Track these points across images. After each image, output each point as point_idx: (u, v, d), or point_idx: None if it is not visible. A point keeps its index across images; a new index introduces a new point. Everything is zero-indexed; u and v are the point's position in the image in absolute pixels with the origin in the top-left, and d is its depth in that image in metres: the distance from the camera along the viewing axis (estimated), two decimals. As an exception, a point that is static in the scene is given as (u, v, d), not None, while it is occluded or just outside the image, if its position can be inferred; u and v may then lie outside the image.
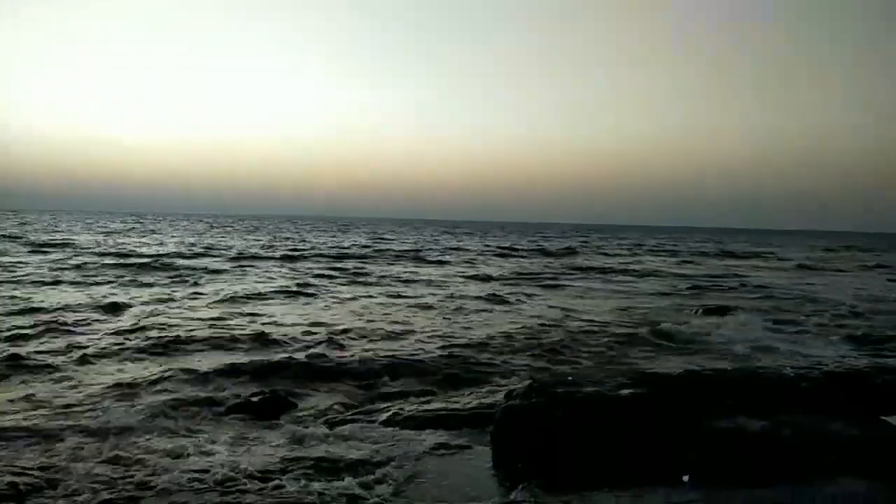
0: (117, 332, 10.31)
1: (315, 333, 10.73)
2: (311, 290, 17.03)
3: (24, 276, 17.97)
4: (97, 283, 17.28)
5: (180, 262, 24.41)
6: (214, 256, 28.21)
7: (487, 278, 22.49)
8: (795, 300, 17.73)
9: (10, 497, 4.31)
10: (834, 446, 4.54)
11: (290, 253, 31.52)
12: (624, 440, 4.79)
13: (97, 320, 11.49)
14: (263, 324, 11.59)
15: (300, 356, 8.86)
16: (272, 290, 16.71)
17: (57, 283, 16.94)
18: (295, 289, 17.22)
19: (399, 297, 16.42)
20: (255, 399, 6.66)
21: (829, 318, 14.08)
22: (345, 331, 11.06)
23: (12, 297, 13.59)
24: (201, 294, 15.82)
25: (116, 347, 9.22)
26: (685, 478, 4.39)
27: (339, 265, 25.83)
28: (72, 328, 10.59)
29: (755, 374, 6.01)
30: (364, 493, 4.54)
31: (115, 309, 12.75)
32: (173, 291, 16.09)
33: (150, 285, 17.36)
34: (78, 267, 21.22)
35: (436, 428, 5.92)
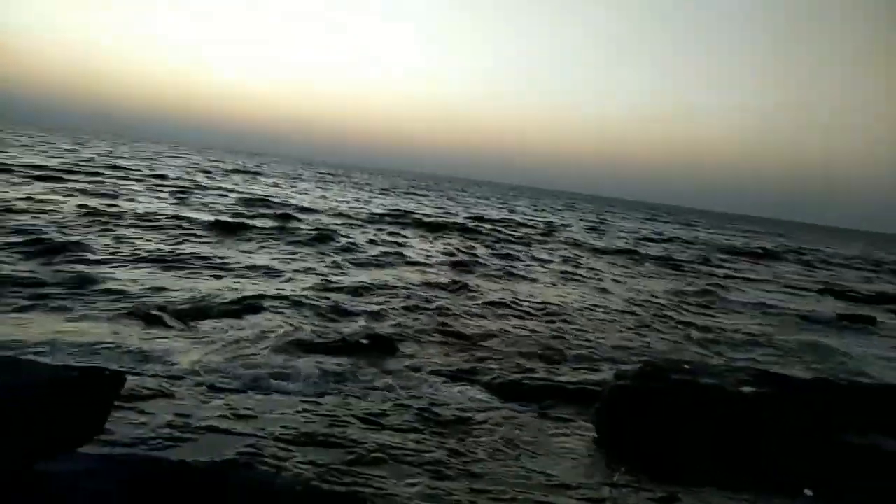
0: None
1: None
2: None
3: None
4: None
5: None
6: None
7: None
8: None
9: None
10: None
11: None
12: (740, 439, 4.50)
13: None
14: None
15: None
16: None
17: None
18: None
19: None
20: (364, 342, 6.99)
21: None
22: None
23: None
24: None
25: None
26: (808, 491, 4.07)
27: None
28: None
29: (896, 390, 5.45)
30: (462, 449, 4.54)
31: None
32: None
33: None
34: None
35: (539, 399, 5.84)
